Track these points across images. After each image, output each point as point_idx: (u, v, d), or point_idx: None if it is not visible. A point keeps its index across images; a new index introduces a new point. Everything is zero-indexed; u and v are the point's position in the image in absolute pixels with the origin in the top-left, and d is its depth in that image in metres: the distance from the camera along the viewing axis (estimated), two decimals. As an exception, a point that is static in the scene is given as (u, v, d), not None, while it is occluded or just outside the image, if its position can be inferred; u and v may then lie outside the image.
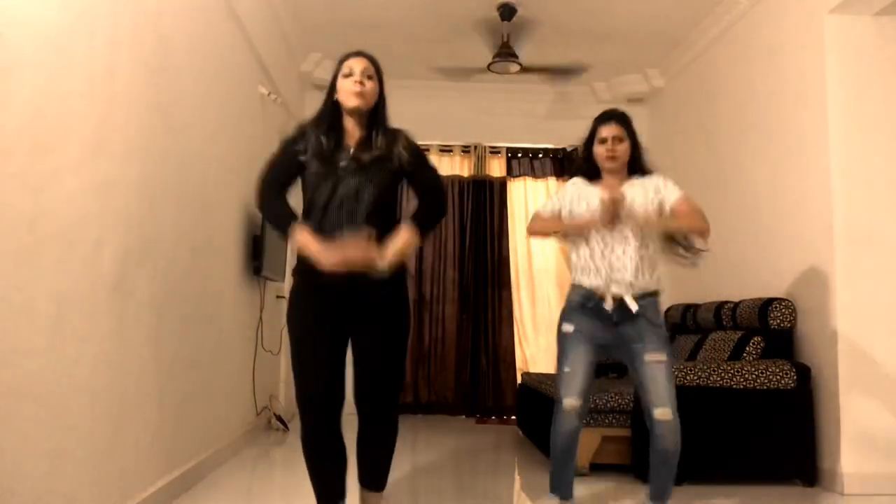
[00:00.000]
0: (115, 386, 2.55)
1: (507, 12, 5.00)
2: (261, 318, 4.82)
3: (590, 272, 2.63)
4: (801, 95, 4.01)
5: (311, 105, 6.41)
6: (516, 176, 6.74)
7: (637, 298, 2.59)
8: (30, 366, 2.00)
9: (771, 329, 3.93)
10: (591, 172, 2.74)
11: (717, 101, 5.15)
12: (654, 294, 2.65)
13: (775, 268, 4.22)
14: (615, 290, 2.59)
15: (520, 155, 6.74)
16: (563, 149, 6.69)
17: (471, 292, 6.48)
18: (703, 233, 2.61)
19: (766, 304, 3.96)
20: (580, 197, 2.72)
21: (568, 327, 2.65)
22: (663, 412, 2.53)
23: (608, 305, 2.60)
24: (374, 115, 2.39)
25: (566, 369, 2.63)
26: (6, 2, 1.89)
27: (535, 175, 6.71)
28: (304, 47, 5.84)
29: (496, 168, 6.70)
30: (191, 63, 3.35)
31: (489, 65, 5.17)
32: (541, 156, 6.72)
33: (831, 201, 3.71)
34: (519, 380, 6.09)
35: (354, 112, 2.36)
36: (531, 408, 5.01)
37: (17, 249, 1.93)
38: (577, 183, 2.77)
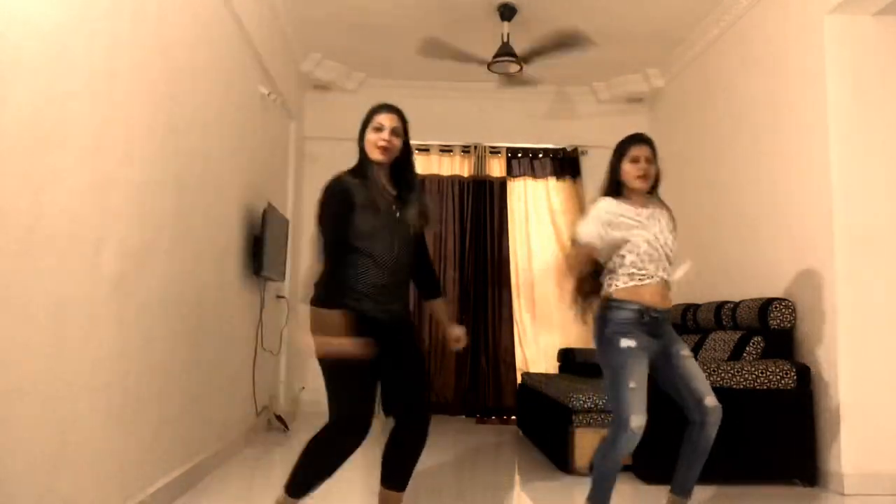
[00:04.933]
0: (115, 386, 2.55)
1: (507, 12, 5.00)
2: (261, 318, 4.82)
3: (647, 279, 2.66)
4: (801, 95, 4.01)
5: (312, 105, 6.45)
6: (516, 176, 6.73)
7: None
8: (30, 366, 2.00)
9: (771, 329, 3.93)
10: (616, 191, 2.78)
11: (717, 101, 5.15)
12: None
13: (775, 268, 4.22)
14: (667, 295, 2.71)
15: (520, 155, 6.74)
16: (563, 149, 6.69)
17: (471, 292, 6.48)
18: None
19: (766, 304, 3.96)
20: (617, 214, 2.70)
21: (629, 342, 2.60)
22: (713, 399, 2.66)
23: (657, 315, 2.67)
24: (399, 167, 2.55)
25: (632, 385, 2.56)
26: (6, 2, 1.89)
27: (535, 175, 6.71)
28: (304, 47, 5.84)
29: (496, 168, 6.70)
30: (191, 63, 3.35)
31: (489, 65, 5.17)
32: (541, 156, 6.72)
33: (831, 201, 3.71)
34: (519, 380, 6.09)
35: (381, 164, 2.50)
36: (531, 408, 5.01)
37: (18, 249, 1.93)
38: (609, 200, 2.74)
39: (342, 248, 2.39)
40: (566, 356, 5.59)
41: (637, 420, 2.53)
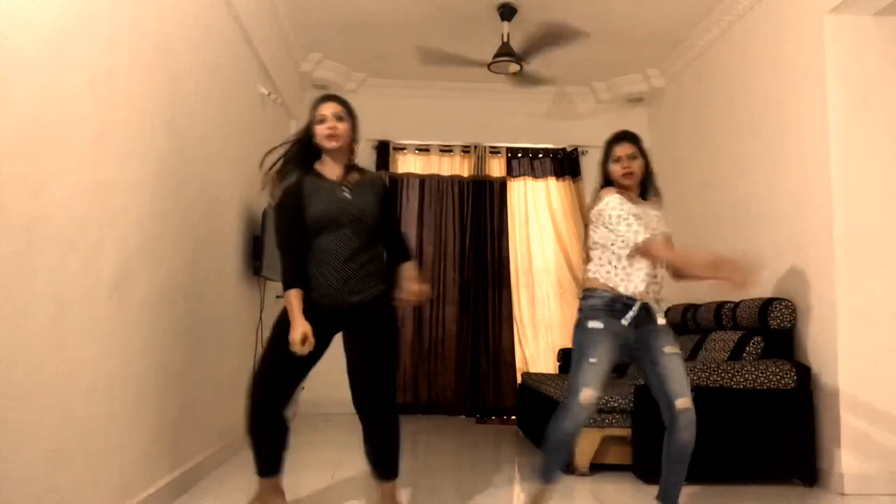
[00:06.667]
0: (114, 386, 2.55)
1: (507, 12, 5.00)
2: (261, 318, 4.82)
3: (627, 280, 2.69)
4: (801, 95, 4.01)
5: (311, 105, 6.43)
6: (516, 176, 6.73)
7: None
8: (30, 366, 2.00)
9: (771, 329, 3.93)
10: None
11: (717, 101, 5.15)
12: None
13: (775, 268, 4.22)
14: (649, 299, 2.70)
15: (520, 155, 6.74)
16: (563, 149, 6.69)
17: (471, 292, 6.48)
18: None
19: (766, 304, 3.96)
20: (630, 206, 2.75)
21: (596, 324, 2.68)
22: (683, 401, 2.60)
23: (635, 309, 2.68)
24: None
25: (592, 360, 2.63)
26: (6, 2, 1.89)
27: (535, 175, 6.71)
28: (304, 47, 5.84)
29: (496, 168, 6.70)
30: (191, 63, 3.35)
31: (489, 65, 5.17)
32: (541, 156, 6.72)
33: (831, 201, 3.71)
34: (519, 380, 6.09)
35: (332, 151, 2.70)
36: (531, 408, 5.01)
37: (17, 250, 1.93)
38: (617, 195, 2.76)
39: None
40: (566, 356, 5.59)
41: (587, 392, 2.61)
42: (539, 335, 6.56)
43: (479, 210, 6.60)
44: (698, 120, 5.51)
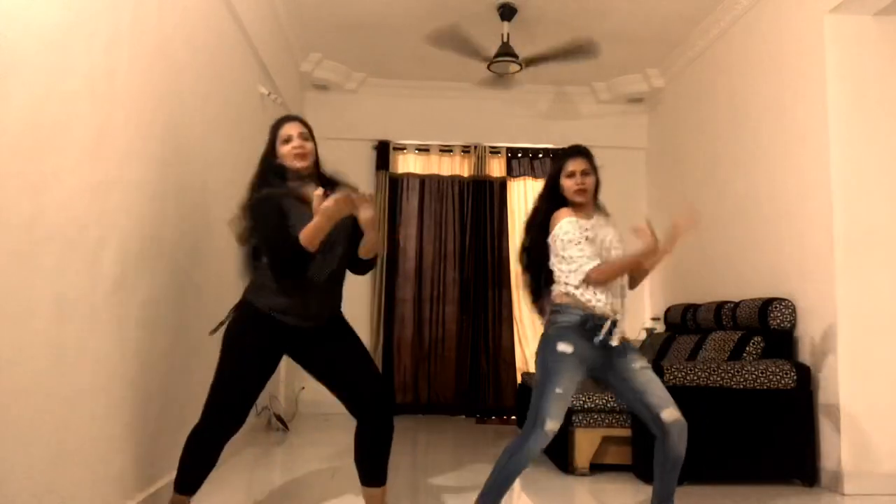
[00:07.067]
0: (115, 386, 2.55)
1: (507, 12, 5.00)
2: (261, 318, 4.82)
3: (604, 293, 2.60)
4: (801, 95, 4.01)
5: (311, 105, 6.44)
6: (516, 176, 6.74)
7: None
8: (30, 366, 2.00)
9: (771, 329, 3.93)
10: (558, 206, 2.73)
11: (717, 101, 5.15)
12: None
13: (775, 268, 4.22)
14: (618, 316, 2.64)
15: (520, 155, 6.74)
16: (563, 149, 6.67)
17: (471, 292, 6.48)
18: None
19: (766, 304, 3.97)
20: (584, 227, 2.65)
21: (565, 347, 2.59)
22: (670, 412, 2.55)
23: (606, 328, 2.59)
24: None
25: (558, 390, 2.55)
26: (6, 2, 1.89)
27: (535, 175, 6.71)
28: (304, 47, 5.84)
29: (496, 168, 6.70)
30: (191, 63, 3.35)
31: (489, 65, 5.17)
32: (541, 156, 6.72)
33: (831, 201, 3.71)
34: (519, 380, 6.09)
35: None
36: (531, 408, 5.01)
37: (17, 250, 1.93)
38: (572, 218, 2.67)
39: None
40: (566, 356, 5.59)
41: (552, 425, 2.53)
42: (539, 335, 6.54)
43: (479, 210, 6.60)
44: (698, 120, 5.51)
